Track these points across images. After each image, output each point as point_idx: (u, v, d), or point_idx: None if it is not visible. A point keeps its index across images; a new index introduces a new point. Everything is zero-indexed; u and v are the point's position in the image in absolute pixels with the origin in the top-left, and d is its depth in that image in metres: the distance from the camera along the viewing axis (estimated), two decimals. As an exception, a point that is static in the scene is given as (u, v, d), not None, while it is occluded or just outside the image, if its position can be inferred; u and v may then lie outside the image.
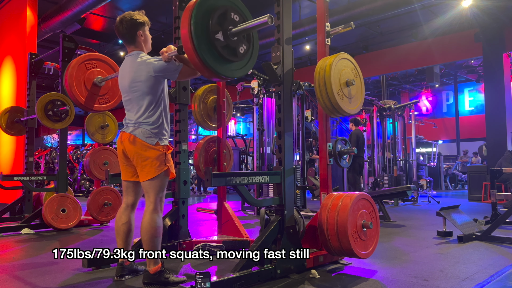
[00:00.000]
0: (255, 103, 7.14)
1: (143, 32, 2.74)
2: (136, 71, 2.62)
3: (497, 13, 9.10)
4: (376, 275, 2.91)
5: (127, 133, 2.65)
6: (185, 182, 3.57)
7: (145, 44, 2.78)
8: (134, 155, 2.61)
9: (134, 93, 2.64)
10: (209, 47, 2.28)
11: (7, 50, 9.09)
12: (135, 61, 2.65)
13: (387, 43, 12.08)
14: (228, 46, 2.36)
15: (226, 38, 2.34)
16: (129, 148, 2.63)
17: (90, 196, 5.29)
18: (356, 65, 3.26)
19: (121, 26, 2.69)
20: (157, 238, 2.58)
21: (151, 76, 2.58)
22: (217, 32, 2.30)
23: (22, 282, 2.77)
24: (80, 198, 9.30)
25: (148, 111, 2.61)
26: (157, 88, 2.64)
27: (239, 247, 3.73)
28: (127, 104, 2.71)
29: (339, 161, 3.41)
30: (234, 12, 2.40)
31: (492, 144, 9.33)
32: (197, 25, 2.23)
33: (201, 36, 2.25)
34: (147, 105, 2.61)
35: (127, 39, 2.72)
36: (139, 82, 2.60)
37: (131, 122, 2.65)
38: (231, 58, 2.38)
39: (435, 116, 19.75)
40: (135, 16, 2.71)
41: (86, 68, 3.66)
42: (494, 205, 4.94)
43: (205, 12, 2.28)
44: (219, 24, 2.32)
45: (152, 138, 2.60)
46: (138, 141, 2.59)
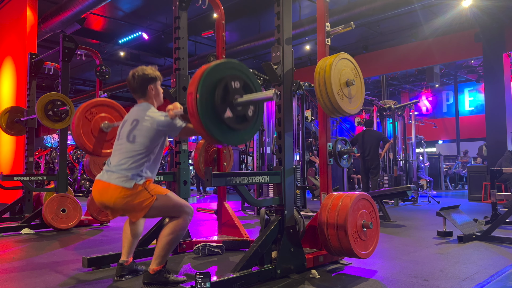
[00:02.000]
0: (255, 103, 7.12)
1: (154, 86, 2.73)
2: (140, 122, 2.58)
3: (497, 13, 9.10)
4: (376, 275, 2.91)
5: (102, 182, 2.53)
6: (185, 182, 3.57)
7: (156, 99, 2.76)
8: (114, 204, 2.50)
9: (129, 141, 2.56)
10: (219, 125, 2.24)
11: (7, 50, 9.09)
12: (143, 112, 2.62)
13: (387, 43, 12.08)
14: (238, 117, 2.32)
15: (234, 111, 2.29)
16: (107, 199, 2.49)
17: (90, 196, 5.28)
18: (356, 65, 3.26)
19: (133, 80, 2.69)
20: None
21: (153, 129, 2.55)
22: (225, 109, 2.25)
23: (22, 282, 2.77)
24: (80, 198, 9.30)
25: (134, 160, 2.51)
26: (155, 141, 2.57)
27: (239, 247, 3.73)
28: (118, 148, 2.61)
29: (339, 161, 3.40)
30: (234, 79, 2.32)
31: (492, 144, 9.33)
32: (203, 105, 2.17)
33: (211, 120, 2.21)
34: (135, 154, 2.52)
35: (138, 93, 2.71)
36: (138, 131, 2.56)
37: (110, 167, 2.55)
38: (241, 126, 2.34)
39: (435, 116, 19.75)
40: (147, 71, 2.70)
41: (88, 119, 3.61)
42: (494, 205, 4.94)
43: (208, 92, 2.21)
44: (224, 101, 2.26)
45: (129, 182, 2.46)
46: (114, 188, 2.47)
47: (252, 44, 10.35)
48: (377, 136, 7.74)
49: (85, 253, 3.65)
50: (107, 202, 2.50)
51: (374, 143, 7.63)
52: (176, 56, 3.57)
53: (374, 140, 7.65)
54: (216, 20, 4.14)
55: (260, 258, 2.72)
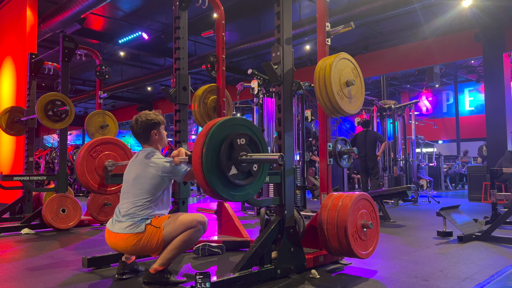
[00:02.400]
0: (255, 103, 7.14)
1: (157, 131, 2.76)
2: (144, 168, 2.62)
3: (497, 13, 9.09)
4: (376, 275, 2.91)
5: (114, 234, 2.58)
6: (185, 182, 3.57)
7: (159, 143, 2.79)
8: (130, 251, 2.60)
9: (134, 187, 2.61)
10: (223, 181, 2.25)
11: (7, 50, 9.09)
12: (146, 158, 2.65)
13: (387, 43, 12.08)
14: (243, 173, 2.33)
15: (238, 167, 2.30)
16: (121, 247, 2.58)
17: (90, 196, 5.28)
18: (356, 65, 3.26)
19: (136, 126, 2.72)
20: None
21: (158, 176, 2.59)
22: (230, 167, 2.27)
23: (22, 282, 2.77)
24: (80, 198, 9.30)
25: (142, 207, 2.57)
26: (160, 187, 2.61)
27: (239, 247, 3.73)
28: (124, 195, 2.67)
29: (339, 161, 3.40)
30: (239, 137, 2.34)
31: (492, 144, 9.33)
32: (208, 161, 2.19)
33: (215, 178, 2.22)
34: (143, 202, 2.57)
35: (141, 138, 2.75)
36: (143, 178, 2.59)
37: (119, 217, 2.60)
38: (246, 182, 2.34)
39: (435, 116, 19.74)
40: (150, 117, 2.73)
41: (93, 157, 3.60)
42: (494, 205, 4.94)
43: (214, 151, 2.23)
44: (229, 159, 2.28)
45: (139, 227, 2.53)
46: (125, 238, 2.53)
47: (252, 44, 10.35)
48: (373, 136, 7.77)
49: (85, 253, 3.65)
50: (122, 250, 2.61)
51: (371, 143, 7.65)
52: (176, 56, 3.56)
53: (372, 140, 7.68)
54: (216, 20, 4.14)
55: (260, 258, 2.72)
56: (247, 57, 12.55)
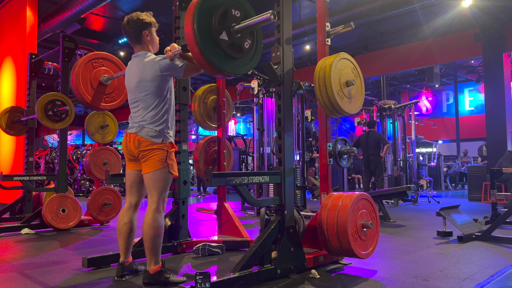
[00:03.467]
0: (255, 103, 7.14)
1: (149, 32, 2.76)
2: (142, 71, 2.63)
3: (497, 13, 9.09)
4: (376, 275, 2.91)
5: (132, 134, 2.67)
6: (185, 182, 3.57)
7: (151, 45, 2.79)
8: (139, 154, 2.65)
9: (140, 93, 2.65)
10: (214, 48, 2.27)
11: (7, 50, 9.09)
12: (141, 61, 2.67)
13: (387, 43, 12.08)
14: (233, 44, 2.35)
15: (230, 36, 2.33)
16: (134, 149, 2.66)
17: (90, 196, 5.29)
18: (356, 65, 3.26)
19: (127, 26, 2.72)
20: (159, 238, 2.59)
21: (158, 76, 2.60)
22: (221, 32, 2.29)
23: (22, 282, 2.77)
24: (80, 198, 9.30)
25: (154, 110, 2.63)
26: (164, 87, 2.66)
27: (239, 247, 3.73)
28: (133, 104, 2.72)
29: (339, 161, 3.40)
30: (235, 8, 2.39)
31: (492, 144, 9.33)
32: (201, 29, 2.21)
33: (206, 39, 2.24)
34: (153, 105, 2.63)
35: (133, 39, 2.74)
36: (145, 82, 2.62)
37: (136, 123, 2.67)
38: (237, 55, 2.37)
39: (435, 116, 19.74)
40: (142, 16, 2.74)
41: (93, 66, 3.65)
42: (494, 205, 4.94)
43: (206, 13, 2.26)
44: (222, 23, 2.31)
45: (156, 138, 2.62)
46: (142, 141, 2.62)
47: (252, 44, 10.33)
48: (377, 137, 7.80)
49: (85, 253, 3.65)
50: (134, 151, 2.65)
51: (376, 144, 7.69)
52: (176, 56, 3.56)
53: (375, 141, 7.71)
54: (216, 20, 4.13)
55: (260, 258, 2.72)
56: (247, 57, 12.53)
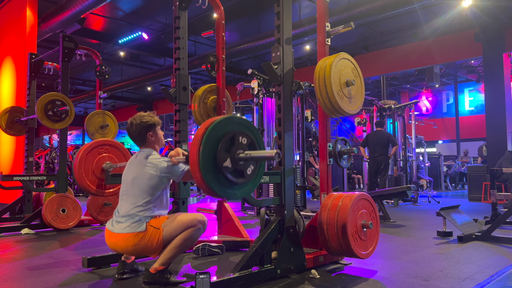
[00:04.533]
0: (255, 103, 7.14)
1: (153, 132, 2.75)
2: (142, 168, 2.61)
3: (497, 13, 9.09)
4: (376, 275, 2.91)
5: (114, 234, 2.56)
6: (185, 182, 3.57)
7: (157, 144, 2.79)
8: (130, 252, 2.59)
9: (133, 188, 2.61)
10: (216, 175, 2.22)
11: (7, 50, 9.09)
12: (144, 159, 2.65)
13: (387, 43, 12.08)
14: (236, 170, 2.30)
15: (234, 164, 2.27)
16: (121, 248, 2.57)
17: (90, 196, 5.28)
18: (356, 65, 3.26)
19: (131, 129, 2.71)
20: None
21: (156, 176, 2.58)
22: (225, 159, 2.24)
23: (22, 282, 2.77)
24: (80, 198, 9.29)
25: (142, 208, 2.56)
26: (159, 187, 2.61)
27: (239, 247, 3.73)
28: (123, 196, 2.67)
29: (339, 161, 3.40)
30: (243, 135, 2.33)
31: (492, 144, 9.33)
32: (205, 156, 2.17)
33: (209, 167, 2.19)
34: (141, 203, 2.57)
35: (138, 141, 2.74)
36: (142, 179, 2.59)
37: (119, 217, 2.59)
38: (238, 180, 2.31)
39: (435, 116, 19.74)
40: (145, 119, 2.72)
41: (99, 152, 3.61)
42: (494, 205, 4.94)
43: (214, 141, 2.22)
44: (227, 151, 2.25)
45: (141, 226, 2.52)
46: (126, 238, 2.52)
47: (252, 44, 10.34)
48: (387, 137, 7.78)
49: (85, 253, 3.65)
50: (122, 250, 2.60)
51: (384, 144, 7.67)
52: (176, 56, 3.56)
53: (385, 141, 7.69)
54: (216, 20, 4.14)
55: (260, 258, 2.72)
56: (247, 57, 12.54)
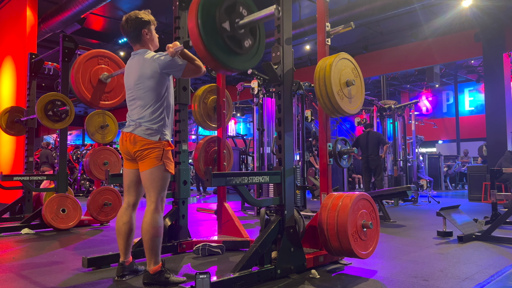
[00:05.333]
0: (255, 103, 7.14)
1: (148, 30, 2.75)
2: (142, 68, 2.63)
3: (497, 13, 9.09)
4: (376, 275, 2.91)
5: (128, 133, 2.66)
6: (185, 182, 3.57)
7: (151, 43, 2.79)
8: (136, 153, 2.64)
9: (138, 90, 2.65)
10: (215, 37, 2.25)
11: (7, 50, 9.09)
12: (141, 58, 2.67)
13: (387, 43, 12.08)
14: (234, 38, 2.33)
15: (232, 28, 2.32)
16: (131, 148, 2.65)
17: (90, 196, 5.29)
18: (356, 65, 3.26)
19: (126, 25, 2.71)
20: (158, 238, 2.58)
21: (157, 73, 2.60)
22: (225, 21, 2.29)
23: (22, 282, 2.77)
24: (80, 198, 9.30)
25: (151, 108, 2.63)
26: (162, 85, 2.65)
27: (239, 247, 3.73)
28: (130, 101, 2.72)
29: (339, 161, 3.40)
30: (243, 6, 2.39)
31: (492, 144, 9.33)
32: (204, 15, 2.20)
33: (208, 25, 2.23)
34: (150, 103, 2.63)
35: (132, 38, 2.74)
36: (144, 79, 2.62)
37: (133, 121, 2.67)
38: (236, 50, 2.35)
39: (435, 116, 19.75)
40: (140, 15, 2.72)
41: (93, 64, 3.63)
42: (494, 205, 4.94)
43: (212, 3, 2.26)
44: (227, 15, 2.31)
45: (152, 136, 2.61)
46: (138, 140, 2.61)
47: (252, 44, 10.33)
48: (376, 137, 7.83)
49: (85, 253, 3.65)
50: (131, 150, 2.65)
51: (374, 144, 7.72)
52: (176, 56, 3.56)
53: (375, 141, 7.74)
54: (216, 20, 4.13)
55: (260, 258, 2.72)
56: (247, 57, 12.52)
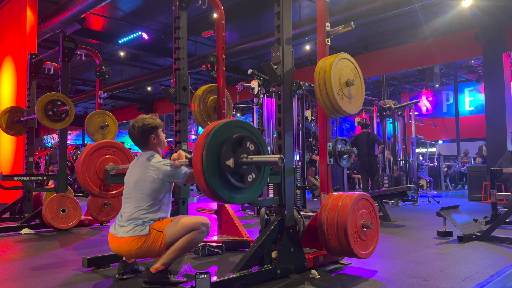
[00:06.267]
0: (255, 103, 7.14)
1: (156, 135, 2.75)
2: (145, 171, 2.62)
3: (497, 13, 9.09)
4: (376, 275, 2.91)
5: (118, 239, 2.58)
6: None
7: (159, 146, 2.79)
8: (133, 255, 2.59)
9: (136, 191, 2.62)
10: (219, 177, 2.22)
11: (7, 50, 9.09)
12: (146, 162, 2.65)
13: (387, 43, 12.08)
14: (237, 173, 2.30)
15: (236, 165, 2.28)
16: (125, 251, 2.59)
17: (90, 196, 5.28)
18: (356, 65, 3.26)
19: (133, 131, 2.72)
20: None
21: (159, 179, 2.59)
22: (229, 159, 2.25)
23: (22, 282, 2.77)
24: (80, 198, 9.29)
25: (145, 211, 2.58)
26: (161, 190, 2.62)
27: (239, 247, 3.73)
28: (126, 199, 2.68)
29: (339, 161, 3.40)
30: (250, 141, 2.35)
31: (492, 144, 9.33)
32: (209, 151, 2.18)
33: (212, 168, 2.20)
34: (145, 206, 2.58)
35: (140, 143, 2.74)
36: (145, 182, 2.59)
37: (122, 222, 2.61)
38: (238, 184, 2.31)
39: (435, 116, 19.74)
40: (147, 121, 2.72)
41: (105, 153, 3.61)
42: (494, 205, 4.94)
43: (220, 138, 2.23)
44: (233, 151, 2.27)
45: (144, 229, 2.53)
46: (130, 242, 2.53)
47: (252, 44, 10.35)
48: (372, 137, 7.88)
49: (85, 253, 3.65)
50: (126, 253, 2.60)
51: (371, 144, 7.76)
52: (176, 56, 3.56)
53: (370, 141, 7.79)
54: (216, 20, 4.14)
55: (260, 258, 2.72)
56: (247, 57, 12.54)
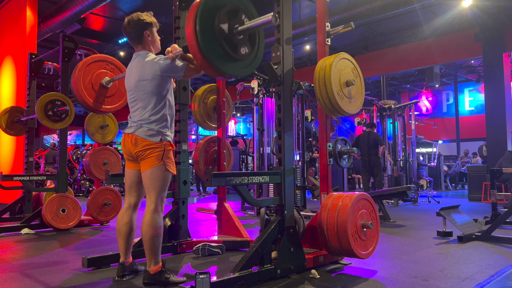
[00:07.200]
0: (255, 103, 7.14)
1: (150, 32, 2.75)
2: (142, 70, 2.64)
3: (497, 13, 9.09)
4: (376, 275, 2.91)
5: (129, 134, 2.67)
6: (185, 182, 3.57)
7: (152, 45, 2.79)
8: (137, 153, 2.65)
9: (139, 91, 2.65)
10: (213, 42, 2.23)
11: (7, 50, 9.09)
12: (142, 60, 2.67)
13: (387, 43, 12.08)
14: (231, 42, 2.31)
15: (230, 32, 2.30)
16: (132, 149, 2.66)
17: (90, 196, 5.28)
18: (356, 65, 3.26)
19: (128, 26, 2.72)
20: (158, 238, 2.59)
21: (158, 75, 2.60)
22: (224, 23, 2.27)
23: (22, 282, 2.77)
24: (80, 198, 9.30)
25: (152, 110, 2.63)
26: (163, 87, 2.65)
27: (239, 247, 3.73)
28: (132, 103, 2.73)
29: (339, 161, 3.40)
30: (245, 14, 2.37)
31: (492, 144, 9.33)
32: (203, 20, 2.19)
33: (206, 25, 2.20)
34: (151, 105, 2.63)
35: (134, 40, 2.74)
36: (145, 80, 2.62)
37: (134, 122, 2.68)
38: (234, 55, 2.33)
39: (435, 116, 19.75)
40: (142, 17, 2.73)
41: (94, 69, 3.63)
42: (494, 205, 4.94)
43: (212, 8, 2.24)
44: (227, 19, 2.29)
45: (153, 137, 2.61)
46: (140, 141, 2.61)
47: (252, 44, 10.33)
48: (374, 137, 7.87)
49: (85, 253, 3.65)
50: (133, 150, 2.66)
51: (373, 145, 7.75)
52: (176, 56, 3.56)
53: (371, 141, 7.78)
54: (216, 20, 4.13)
55: (260, 258, 2.72)
56: (247, 57, 12.52)
